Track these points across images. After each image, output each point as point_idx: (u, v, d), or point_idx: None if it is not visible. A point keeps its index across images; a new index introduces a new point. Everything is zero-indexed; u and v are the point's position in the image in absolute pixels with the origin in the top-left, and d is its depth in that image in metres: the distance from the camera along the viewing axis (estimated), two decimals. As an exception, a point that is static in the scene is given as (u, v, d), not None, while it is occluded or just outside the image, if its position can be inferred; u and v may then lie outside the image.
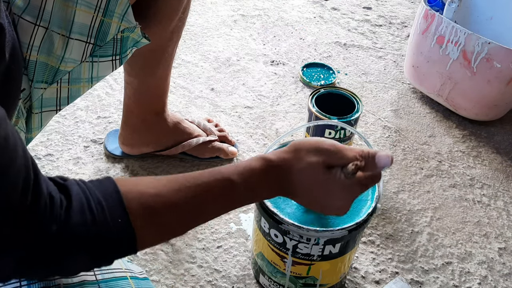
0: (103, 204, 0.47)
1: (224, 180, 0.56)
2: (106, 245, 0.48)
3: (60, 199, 0.46)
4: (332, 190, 0.60)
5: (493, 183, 1.16)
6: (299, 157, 0.60)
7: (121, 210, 0.48)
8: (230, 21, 1.62)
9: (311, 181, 0.60)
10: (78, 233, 0.45)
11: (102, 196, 0.48)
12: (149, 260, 0.93)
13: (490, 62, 1.15)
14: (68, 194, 0.47)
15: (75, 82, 0.69)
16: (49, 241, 0.44)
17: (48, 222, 0.44)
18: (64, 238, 0.45)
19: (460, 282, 0.95)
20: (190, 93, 1.32)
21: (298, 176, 0.60)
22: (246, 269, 0.93)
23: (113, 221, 0.47)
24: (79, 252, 0.47)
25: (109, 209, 0.47)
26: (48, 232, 0.44)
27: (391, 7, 1.77)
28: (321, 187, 0.60)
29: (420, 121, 1.32)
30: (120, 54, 0.72)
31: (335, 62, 1.48)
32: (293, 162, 0.60)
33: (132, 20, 0.70)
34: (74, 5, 0.64)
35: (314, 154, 0.60)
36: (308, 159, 0.60)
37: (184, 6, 0.89)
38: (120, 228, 0.48)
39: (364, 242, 1.00)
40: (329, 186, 0.60)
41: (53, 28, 0.64)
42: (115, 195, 0.49)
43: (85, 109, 1.23)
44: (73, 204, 0.46)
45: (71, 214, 0.45)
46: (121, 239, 0.48)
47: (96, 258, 0.48)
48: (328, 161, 0.60)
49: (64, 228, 0.45)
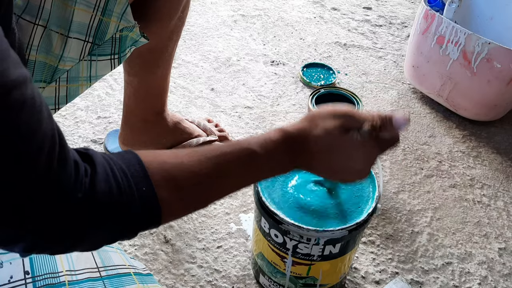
0: (127, 173, 0.46)
1: (244, 149, 0.54)
2: (131, 215, 0.46)
3: (84, 167, 0.44)
4: (350, 153, 0.59)
5: (493, 183, 1.16)
6: (315, 124, 0.59)
7: (145, 179, 0.47)
8: (230, 21, 1.62)
9: (329, 146, 0.59)
10: (103, 202, 0.44)
11: (125, 166, 0.46)
12: (149, 260, 0.93)
13: (490, 62, 1.15)
14: (92, 163, 0.45)
15: (74, 81, 0.69)
16: (73, 209, 0.42)
17: (74, 189, 0.42)
18: (89, 207, 0.43)
19: (460, 282, 0.95)
20: (190, 93, 1.32)
21: (316, 143, 0.59)
22: (246, 269, 0.93)
23: (138, 190, 0.46)
24: (104, 223, 0.45)
25: (134, 179, 0.46)
26: (73, 199, 0.42)
27: (391, 7, 1.77)
28: (339, 151, 0.59)
29: (420, 121, 1.32)
30: (119, 53, 0.72)
31: (335, 62, 1.48)
32: (310, 130, 0.59)
33: (131, 20, 0.70)
34: (73, 4, 0.64)
35: (330, 119, 0.59)
36: (324, 125, 0.59)
37: (184, 5, 0.89)
38: (145, 198, 0.46)
39: (364, 242, 1.00)
40: (347, 149, 0.59)
41: (51, 27, 0.64)
42: (138, 165, 0.47)
43: (85, 109, 1.23)
44: (98, 172, 0.44)
45: (96, 182, 0.43)
46: (146, 209, 0.47)
47: (120, 229, 0.47)
48: (345, 124, 0.59)
49: (90, 197, 0.43)
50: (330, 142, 0.58)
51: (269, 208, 0.74)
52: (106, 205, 0.44)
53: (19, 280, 0.55)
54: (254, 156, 0.55)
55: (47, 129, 0.39)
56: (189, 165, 0.51)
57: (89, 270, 0.59)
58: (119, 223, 0.46)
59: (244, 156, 0.54)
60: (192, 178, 0.50)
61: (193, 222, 1.00)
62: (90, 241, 0.46)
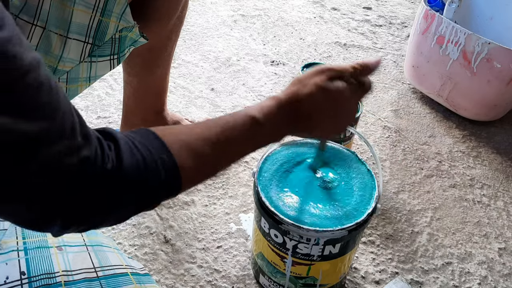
0: (147, 145, 0.48)
1: (246, 116, 0.57)
2: (157, 184, 0.48)
3: (107, 144, 0.45)
4: (340, 99, 0.63)
5: (493, 183, 1.16)
6: (304, 83, 0.62)
7: (165, 149, 0.49)
8: (230, 21, 1.62)
9: (323, 98, 0.62)
10: (131, 174, 0.45)
11: (144, 140, 0.48)
12: (149, 260, 0.93)
13: (490, 62, 1.15)
14: (114, 139, 0.46)
15: (73, 82, 0.69)
16: (104, 182, 0.43)
17: (102, 162, 0.43)
18: (118, 179, 0.44)
19: (460, 282, 0.95)
20: (190, 93, 1.32)
21: (311, 100, 0.62)
22: (246, 269, 0.93)
23: (160, 159, 0.48)
24: (133, 194, 0.46)
25: (154, 150, 0.48)
26: (104, 173, 0.43)
27: (391, 7, 1.77)
28: (331, 100, 0.63)
29: (420, 121, 1.32)
30: (118, 53, 0.72)
31: (335, 62, 1.48)
32: (300, 90, 0.62)
33: (130, 20, 0.70)
34: (72, 5, 0.64)
35: (315, 76, 0.63)
36: (312, 81, 0.62)
37: (183, 5, 0.89)
38: (167, 167, 0.48)
39: (364, 242, 1.00)
40: (338, 96, 0.63)
41: (50, 27, 0.64)
42: (155, 138, 0.49)
43: (85, 109, 1.23)
44: (121, 146, 0.46)
45: (123, 155, 0.45)
46: (169, 177, 0.48)
47: (146, 199, 0.48)
48: (329, 75, 0.63)
49: (118, 169, 0.44)
50: (322, 94, 0.62)
51: (269, 208, 0.74)
52: (134, 177, 0.46)
53: (15, 281, 0.55)
54: (256, 122, 0.58)
55: (66, 107, 0.40)
56: (200, 132, 0.53)
57: (86, 271, 0.59)
58: (146, 193, 0.48)
59: (247, 121, 0.57)
60: (204, 145, 0.53)
61: (193, 222, 1.00)
62: (119, 214, 0.47)
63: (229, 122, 0.56)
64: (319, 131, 0.66)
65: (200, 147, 0.52)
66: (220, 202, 1.04)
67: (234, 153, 0.58)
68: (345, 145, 1.02)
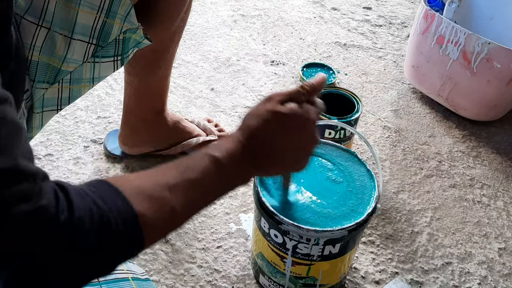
0: (101, 194, 0.44)
1: (206, 156, 0.54)
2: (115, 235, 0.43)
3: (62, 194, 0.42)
4: (296, 118, 0.60)
5: (493, 183, 1.16)
6: (256, 114, 0.60)
7: (119, 196, 0.45)
8: (230, 21, 1.62)
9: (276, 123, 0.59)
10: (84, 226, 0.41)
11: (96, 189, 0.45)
12: (149, 260, 0.93)
13: (490, 62, 1.15)
14: (66, 190, 0.42)
15: (77, 83, 0.69)
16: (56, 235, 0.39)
17: (56, 212, 0.39)
18: (70, 232, 0.40)
19: (460, 282, 0.95)
20: (190, 93, 1.32)
21: (265, 127, 0.59)
22: (246, 269, 0.93)
23: (116, 207, 0.44)
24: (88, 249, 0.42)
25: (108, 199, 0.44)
26: (57, 224, 0.39)
27: (391, 7, 1.77)
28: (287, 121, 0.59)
29: (420, 121, 1.32)
30: (122, 54, 0.72)
31: (335, 62, 1.48)
32: (254, 121, 0.59)
33: (135, 21, 0.70)
34: (77, 6, 0.64)
35: (265, 102, 0.61)
36: (263, 109, 0.60)
37: (187, 6, 0.89)
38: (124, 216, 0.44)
39: (364, 242, 1.00)
40: (292, 116, 0.60)
41: (55, 28, 0.64)
42: (107, 186, 0.46)
43: (85, 109, 1.23)
44: (73, 198, 0.42)
45: (75, 208, 0.41)
46: (127, 226, 0.44)
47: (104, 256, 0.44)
48: (279, 98, 0.60)
49: (70, 222, 0.40)
50: (276, 118, 0.59)
51: (268, 208, 0.74)
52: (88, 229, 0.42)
53: None
54: (215, 160, 0.55)
55: (27, 149, 0.39)
56: (156, 177, 0.50)
57: None
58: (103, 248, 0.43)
59: (207, 161, 0.54)
60: (162, 190, 0.49)
61: (193, 222, 1.00)
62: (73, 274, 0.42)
63: (188, 164, 0.53)
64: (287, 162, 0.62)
65: (158, 192, 0.49)
66: (220, 202, 1.04)
67: (198, 195, 0.54)
68: (345, 145, 1.02)
